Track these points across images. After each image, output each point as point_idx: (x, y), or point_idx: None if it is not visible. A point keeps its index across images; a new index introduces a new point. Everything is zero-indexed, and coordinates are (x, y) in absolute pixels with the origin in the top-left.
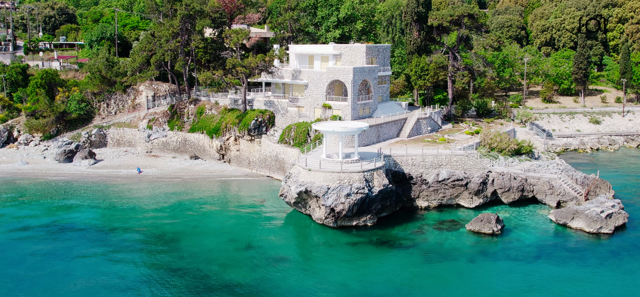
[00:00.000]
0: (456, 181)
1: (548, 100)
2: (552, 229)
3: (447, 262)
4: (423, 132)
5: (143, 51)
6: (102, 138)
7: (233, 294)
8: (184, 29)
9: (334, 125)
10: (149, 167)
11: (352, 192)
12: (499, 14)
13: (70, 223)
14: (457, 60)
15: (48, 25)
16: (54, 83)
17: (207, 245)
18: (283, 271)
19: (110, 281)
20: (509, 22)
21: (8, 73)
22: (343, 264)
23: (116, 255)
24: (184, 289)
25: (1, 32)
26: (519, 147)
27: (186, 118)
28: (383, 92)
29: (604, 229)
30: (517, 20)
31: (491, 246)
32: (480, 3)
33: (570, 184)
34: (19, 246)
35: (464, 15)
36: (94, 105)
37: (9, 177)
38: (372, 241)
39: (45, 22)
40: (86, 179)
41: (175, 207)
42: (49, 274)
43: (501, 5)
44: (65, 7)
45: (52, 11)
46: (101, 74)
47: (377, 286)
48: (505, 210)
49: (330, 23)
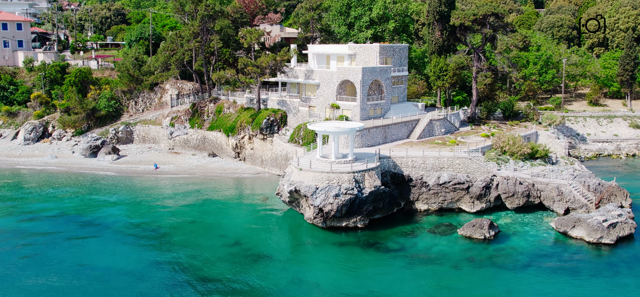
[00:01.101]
0: (457, 185)
1: (594, 103)
2: (552, 238)
3: (431, 267)
4: (436, 134)
5: (166, 51)
6: (128, 135)
7: (206, 289)
8: (204, 29)
9: (326, 125)
10: (167, 164)
11: (340, 192)
12: (551, 14)
13: (63, 211)
14: (481, 61)
15: (104, 26)
16: (87, 81)
17: (197, 240)
18: (262, 269)
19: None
20: (560, 22)
21: (48, 71)
22: (323, 264)
23: (106, 245)
24: (157, 281)
25: (59, 33)
26: (533, 151)
27: (206, 116)
28: (399, 93)
29: (604, 239)
30: (568, 20)
31: (480, 253)
32: (536, 2)
33: (581, 191)
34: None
35: (488, 14)
36: (123, 103)
37: (38, 169)
38: (360, 242)
39: (102, 23)
40: (104, 173)
41: (178, 202)
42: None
43: (554, 4)
44: (121, 9)
45: (108, 12)
46: (129, 72)
47: (349, 288)
48: (508, 216)
49: (363, 23)
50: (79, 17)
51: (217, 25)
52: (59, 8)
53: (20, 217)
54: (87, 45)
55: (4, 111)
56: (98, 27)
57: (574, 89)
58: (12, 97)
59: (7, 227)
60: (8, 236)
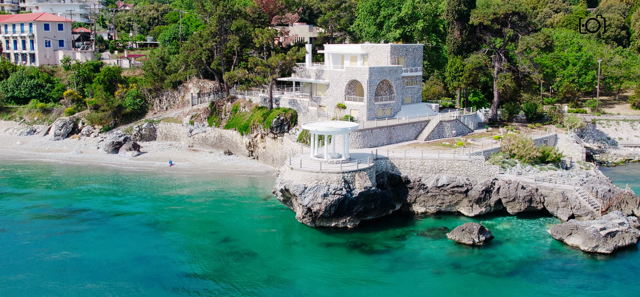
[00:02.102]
0: (456, 187)
1: (638, 106)
2: (547, 245)
3: (412, 271)
4: (446, 135)
5: (186, 50)
6: (152, 132)
7: (183, 285)
8: (222, 29)
9: (318, 125)
10: (183, 161)
11: (329, 192)
12: (601, 14)
13: (68, 204)
14: (501, 61)
15: (151, 26)
16: (115, 80)
17: (188, 235)
18: (242, 265)
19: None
20: (608, 22)
21: (81, 70)
22: (303, 264)
23: (94, 233)
24: (130, 274)
25: (103, 32)
26: (544, 155)
27: (224, 115)
28: (413, 93)
29: (600, 248)
30: (617, 19)
31: (467, 258)
32: (589, 1)
33: (587, 197)
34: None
35: (510, 13)
36: (149, 101)
37: (61, 163)
38: (347, 243)
39: (149, 23)
40: (120, 168)
41: (180, 197)
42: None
43: (604, 3)
44: (169, 10)
45: (156, 13)
46: (153, 71)
47: (321, 288)
48: (508, 221)
49: (392, 23)
50: (127, 18)
51: (233, 25)
52: (114, 9)
53: (19, 205)
54: (127, 44)
55: (38, 108)
56: (145, 27)
57: (617, 92)
58: (48, 95)
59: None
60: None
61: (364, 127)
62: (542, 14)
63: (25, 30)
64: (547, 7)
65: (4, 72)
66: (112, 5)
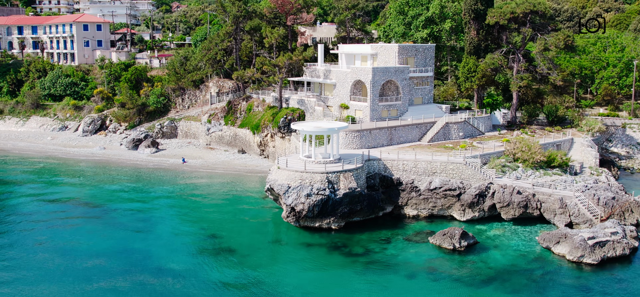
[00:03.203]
0: (448, 191)
1: None
2: (535, 253)
3: (385, 275)
4: (452, 137)
5: (203, 50)
6: (173, 130)
7: (153, 279)
8: (238, 29)
9: (304, 125)
10: (197, 159)
11: (312, 192)
12: None
13: (60, 194)
14: (518, 62)
15: (197, 27)
16: (141, 79)
17: (174, 231)
18: (218, 261)
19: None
20: None
21: (113, 69)
22: (278, 263)
23: (70, 225)
24: (116, 268)
25: (145, 33)
26: (549, 159)
27: (239, 114)
28: (424, 94)
29: (586, 258)
30: None
31: (444, 264)
32: None
33: (587, 205)
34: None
35: (528, 12)
36: (172, 99)
37: (81, 158)
38: (328, 245)
39: (195, 24)
40: (135, 164)
41: (180, 194)
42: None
43: None
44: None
45: (202, 14)
46: (176, 70)
47: (286, 288)
48: (501, 227)
49: (419, 22)
50: (174, 19)
51: (247, 25)
52: (167, 10)
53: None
54: (165, 45)
55: (71, 105)
56: (192, 28)
57: None
58: (82, 93)
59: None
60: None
61: (362, 127)
62: (591, 13)
63: (66, 30)
64: (597, 6)
65: (43, 70)
66: (166, 7)
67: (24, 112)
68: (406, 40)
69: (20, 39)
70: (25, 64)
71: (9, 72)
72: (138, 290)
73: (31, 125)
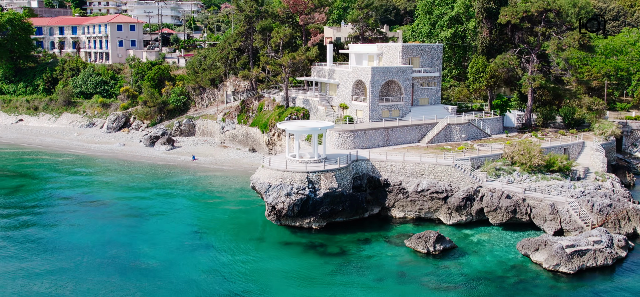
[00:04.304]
0: (435, 193)
1: None
2: (513, 260)
3: (353, 276)
4: (454, 139)
5: (218, 49)
6: (191, 128)
7: (137, 275)
8: (250, 29)
9: (288, 124)
10: (208, 156)
11: (292, 191)
12: None
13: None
14: (532, 62)
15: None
16: (164, 77)
17: (157, 228)
18: (193, 256)
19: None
20: None
21: (140, 68)
22: (251, 261)
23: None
24: (80, 261)
25: (181, 34)
26: (549, 163)
27: (251, 113)
28: (431, 95)
29: (562, 267)
30: None
31: (415, 267)
32: None
33: (579, 211)
34: None
35: (542, 11)
36: (192, 98)
37: (98, 154)
38: (306, 244)
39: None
40: (147, 161)
41: (176, 189)
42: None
43: None
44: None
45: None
46: (194, 69)
47: (250, 284)
48: (488, 232)
49: (444, 22)
50: (217, 19)
51: (258, 25)
52: (215, 11)
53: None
54: (198, 44)
55: (99, 102)
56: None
57: None
58: (111, 91)
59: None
60: None
61: (356, 128)
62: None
63: (101, 31)
64: (555, 3)
65: (76, 69)
66: (214, 7)
67: (57, 109)
68: (432, 40)
69: (61, 38)
70: (61, 62)
71: (46, 70)
72: (104, 282)
73: (62, 122)
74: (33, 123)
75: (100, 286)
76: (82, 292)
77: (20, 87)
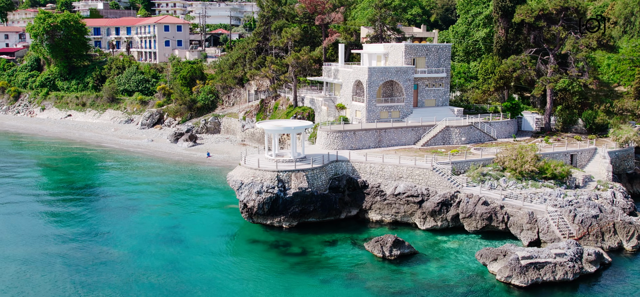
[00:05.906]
0: (410, 197)
1: None
2: (472, 270)
3: (301, 276)
4: (453, 142)
5: (238, 49)
6: (216, 125)
7: (106, 269)
8: (268, 29)
9: (265, 124)
10: (222, 153)
11: (262, 190)
12: None
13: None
14: (547, 63)
15: None
16: (195, 76)
17: (139, 220)
18: (160, 249)
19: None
20: None
21: (178, 66)
22: (213, 256)
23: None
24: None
25: (234, 34)
26: (542, 169)
27: (268, 112)
28: (438, 96)
29: (514, 280)
30: None
31: (367, 271)
32: None
33: (557, 221)
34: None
35: (560, 9)
36: (220, 96)
37: (124, 148)
38: (271, 242)
39: None
40: (165, 156)
41: (170, 184)
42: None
43: None
44: None
45: None
46: (221, 68)
47: (196, 274)
48: (460, 239)
49: (479, 21)
50: None
51: (273, 25)
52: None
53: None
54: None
55: (138, 100)
56: None
57: None
58: (152, 89)
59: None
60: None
61: (344, 128)
62: None
63: (150, 31)
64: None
65: (122, 67)
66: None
67: (102, 105)
68: (467, 40)
69: (117, 38)
70: (109, 61)
71: (95, 68)
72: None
73: (105, 118)
74: (79, 119)
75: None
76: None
77: (73, 85)
